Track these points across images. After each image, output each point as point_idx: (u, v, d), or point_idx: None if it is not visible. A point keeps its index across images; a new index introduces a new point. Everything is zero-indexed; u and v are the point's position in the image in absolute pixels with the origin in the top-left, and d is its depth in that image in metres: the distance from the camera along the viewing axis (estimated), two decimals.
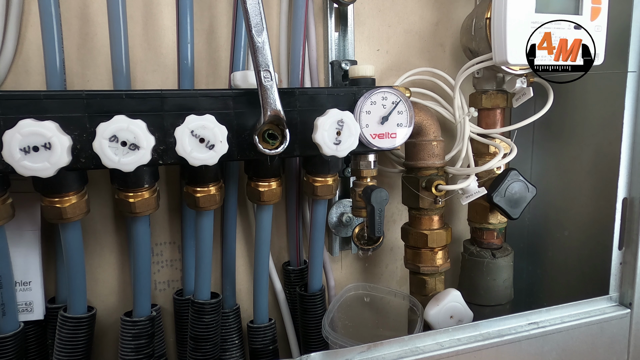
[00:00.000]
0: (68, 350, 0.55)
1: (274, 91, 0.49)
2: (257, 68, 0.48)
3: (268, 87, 0.48)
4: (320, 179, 0.61)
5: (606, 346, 0.63)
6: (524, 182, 0.67)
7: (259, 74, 0.48)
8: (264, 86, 0.48)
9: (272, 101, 0.49)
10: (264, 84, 0.48)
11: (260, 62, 0.48)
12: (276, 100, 0.49)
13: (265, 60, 0.48)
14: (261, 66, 0.48)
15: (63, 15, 0.55)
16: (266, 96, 0.49)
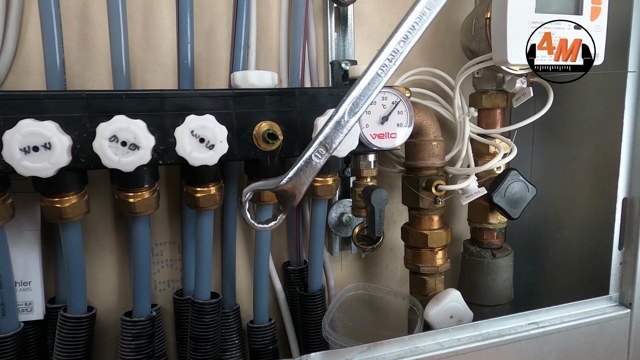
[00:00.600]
0: (68, 350, 0.55)
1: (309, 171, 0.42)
2: (318, 140, 0.41)
3: (313, 165, 0.41)
4: (320, 179, 0.61)
5: (606, 346, 0.62)
6: (524, 182, 0.67)
7: (314, 146, 0.41)
8: (311, 162, 0.41)
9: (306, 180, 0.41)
10: (313, 160, 0.41)
11: (328, 137, 0.41)
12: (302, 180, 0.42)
13: (333, 139, 0.42)
14: (325, 140, 0.41)
15: (63, 15, 0.55)
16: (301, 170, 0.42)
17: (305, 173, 0.41)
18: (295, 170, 0.41)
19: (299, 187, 0.41)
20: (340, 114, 0.41)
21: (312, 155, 0.41)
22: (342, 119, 0.41)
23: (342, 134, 0.42)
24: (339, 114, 0.41)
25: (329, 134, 0.41)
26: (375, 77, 0.41)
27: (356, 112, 0.42)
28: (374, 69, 0.40)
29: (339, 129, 0.41)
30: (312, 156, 0.41)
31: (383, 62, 0.40)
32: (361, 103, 0.42)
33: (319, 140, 0.41)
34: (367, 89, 0.42)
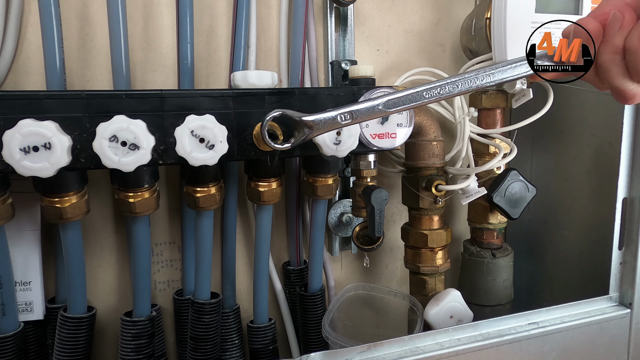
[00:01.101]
0: (68, 350, 0.55)
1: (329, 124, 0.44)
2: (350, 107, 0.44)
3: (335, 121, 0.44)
4: (320, 179, 0.61)
5: (606, 346, 0.62)
6: (524, 182, 0.67)
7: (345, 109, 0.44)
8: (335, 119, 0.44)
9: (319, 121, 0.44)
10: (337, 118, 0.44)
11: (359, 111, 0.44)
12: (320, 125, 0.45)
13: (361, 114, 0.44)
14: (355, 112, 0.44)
15: (63, 15, 0.55)
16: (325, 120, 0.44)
17: (326, 123, 0.44)
18: (322, 116, 0.44)
19: (315, 129, 0.44)
20: (377, 102, 0.44)
21: (338, 115, 0.44)
22: (377, 106, 0.44)
23: (369, 117, 0.45)
24: (376, 101, 0.44)
25: (360, 109, 0.44)
26: (423, 90, 0.43)
27: (390, 108, 0.44)
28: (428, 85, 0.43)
29: (369, 111, 0.44)
30: (338, 116, 0.44)
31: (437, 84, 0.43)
32: (399, 104, 0.44)
33: (351, 109, 0.44)
34: (411, 96, 0.44)
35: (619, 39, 0.33)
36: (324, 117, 0.44)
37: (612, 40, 0.34)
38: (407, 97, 0.43)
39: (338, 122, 0.44)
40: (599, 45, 0.35)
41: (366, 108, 0.44)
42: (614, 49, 0.34)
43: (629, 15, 0.33)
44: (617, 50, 0.34)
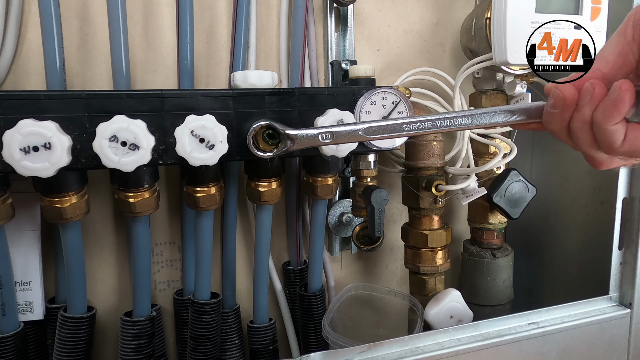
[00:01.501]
0: (68, 350, 0.55)
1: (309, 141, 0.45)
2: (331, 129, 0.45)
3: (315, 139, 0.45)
4: (320, 179, 0.61)
5: (606, 346, 0.62)
6: (524, 182, 0.67)
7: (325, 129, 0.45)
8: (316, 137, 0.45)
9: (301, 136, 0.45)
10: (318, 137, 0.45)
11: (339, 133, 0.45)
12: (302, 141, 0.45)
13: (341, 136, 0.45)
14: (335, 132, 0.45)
15: (63, 15, 0.55)
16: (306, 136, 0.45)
17: (307, 140, 0.45)
18: (304, 132, 0.45)
19: (296, 143, 0.45)
20: (359, 127, 0.45)
21: (320, 134, 0.45)
22: (358, 131, 0.44)
23: (349, 140, 0.45)
24: (357, 126, 0.45)
25: (341, 131, 0.45)
26: (403, 124, 0.44)
27: (370, 135, 0.45)
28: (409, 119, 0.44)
29: (350, 134, 0.45)
30: (320, 134, 0.45)
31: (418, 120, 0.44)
32: (379, 132, 0.45)
33: (332, 129, 0.45)
34: (391, 127, 0.45)
35: (587, 111, 0.35)
36: (306, 133, 0.45)
37: (582, 110, 0.35)
38: (387, 127, 0.44)
39: (319, 140, 0.45)
40: (572, 111, 0.36)
41: (347, 131, 0.45)
42: (583, 119, 0.35)
43: (599, 89, 0.34)
44: (585, 120, 0.35)
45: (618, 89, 0.33)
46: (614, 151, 0.34)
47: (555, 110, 0.36)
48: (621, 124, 0.33)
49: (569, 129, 0.36)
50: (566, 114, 0.36)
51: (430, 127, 0.44)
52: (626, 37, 0.35)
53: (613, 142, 0.34)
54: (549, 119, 0.37)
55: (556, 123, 0.37)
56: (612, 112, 0.33)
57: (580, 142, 0.36)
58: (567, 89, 0.35)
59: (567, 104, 0.35)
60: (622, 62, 0.35)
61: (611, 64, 0.35)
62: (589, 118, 0.35)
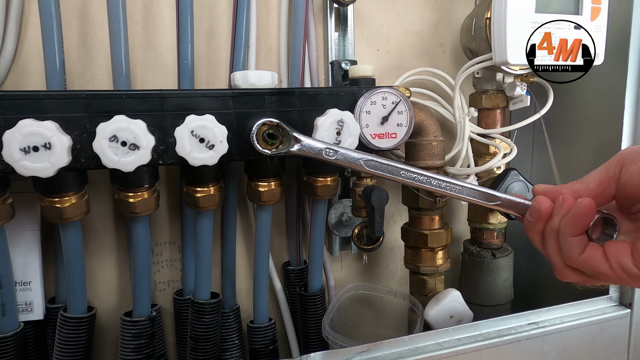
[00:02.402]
0: (68, 350, 0.55)
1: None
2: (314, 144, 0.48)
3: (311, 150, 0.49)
4: (320, 179, 0.61)
5: (606, 346, 0.62)
6: (524, 182, 0.66)
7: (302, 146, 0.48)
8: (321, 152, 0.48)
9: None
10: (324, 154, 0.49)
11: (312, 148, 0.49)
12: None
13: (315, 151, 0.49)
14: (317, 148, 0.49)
15: (63, 15, 0.55)
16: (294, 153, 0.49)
17: (312, 148, 0.48)
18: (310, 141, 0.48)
19: (301, 148, 0.48)
20: (361, 157, 0.48)
21: (325, 148, 0.48)
22: (359, 159, 0.48)
23: (348, 164, 0.49)
24: (360, 156, 0.48)
25: (345, 154, 0.48)
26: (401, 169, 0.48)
27: (368, 167, 0.48)
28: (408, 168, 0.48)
29: (351, 159, 0.48)
30: (325, 149, 0.48)
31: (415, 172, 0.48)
32: (377, 168, 0.48)
33: (338, 149, 0.48)
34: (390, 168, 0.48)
35: (556, 220, 0.39)
36: (312, 143, 0.48)
37: (553, 219, 0.40)
38: (386, 166, 0.48)
39: (321, 153, 0.48)
40: (546, 221, 0.40)
41: (350, 156, 0.48)
42: (552, 227, 0.40)
43: (568, 203, 0.39)
44: (554, 229, 0.40)
45: (579, 204, 0.37)
46: (571, 261, 0.38)
47: (532, 220, 0.41)
48: (580, 238, 0.38)
49: (542, 237, 0.41)
50: (540, 225, 0.41)
51: (423, 183, 0.48)
52: (608, 172, 0.39)
53: (570, 252, 0.38)
54: (527, 225, 0.42)
55: (532, 230, 0.41)
56: (572, 224, 0.37)
57: (548, 249, 0.40)
58: (544, 203, 0.40)
59: (541, 215, 0.40)
60: (600, 192, 0.39)
61: (590, 190, 0.39)
62: (556, 227, 0.39)
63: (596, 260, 0.37)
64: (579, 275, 0.40)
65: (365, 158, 0.47)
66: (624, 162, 0.38)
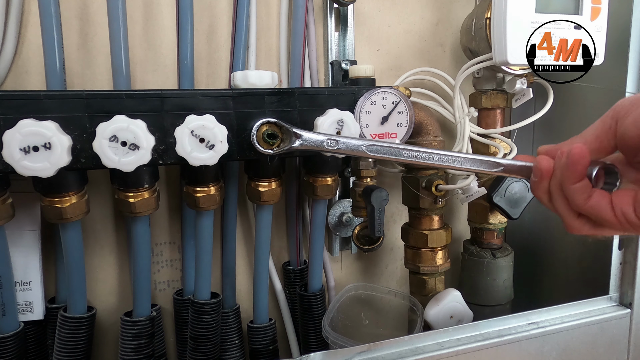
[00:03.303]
0: (68, 350, 0.55)
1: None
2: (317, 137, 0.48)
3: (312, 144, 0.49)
4: (320, 179, 0.61)
5: (606, 346, 0.62)
6: (524, 182, 0.67)
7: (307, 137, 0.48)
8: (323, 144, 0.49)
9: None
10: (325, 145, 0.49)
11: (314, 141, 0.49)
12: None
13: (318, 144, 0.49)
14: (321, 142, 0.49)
15: (63, 15, 0.55)
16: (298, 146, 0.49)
17: (312, 142, 0.48)
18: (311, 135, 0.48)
19: (303, 143, 0.48)
20: (363, 143, 0.48)
21: (327, 139, 0.48)
22: (361, 146, 0.48)
23: (350, 152, 0.48)
24: (362, 142, 0.48)
25: (347, 142, 0.48)
26: (403, 150, 0.48)
27: (371, 152, 0.48)
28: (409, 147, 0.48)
29: (353, 147, 0.48)
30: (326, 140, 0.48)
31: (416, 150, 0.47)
32: (380, 152, 0.48)
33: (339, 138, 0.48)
34: (392, 150, 0.48)
35: (559, 174, 0.40)
36: (313, 136, 0.48)
37: (556, 174, 0.40)
38: (388, 149, 0.48)
39: (323, 146, 0.48)
40: (549, 179, 0.41)
41: (351, 144, 0.48)
42: (556, 182, 0.40)
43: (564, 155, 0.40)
44: (557, 183, 0.40)
45: (570, 151, 0.38)
46: (579, 208, 0.39)
47: (536, 179, 0.42)
48: (582, 184, 0.38)
49: (549, 195, 0.42)
50: (545, 183, 0.41)
51: (425, 159, 0.47)
52: (604, 126, 0.39)
53: (576, 200, 0.39)
54: (533, 186, 0.43)
55: (538, 190, 0.42)
56: (568, 171, 0.38)
57: (556, 204, 0.41)
58: (543, 162, 0.41)
59: (543, 174, 0.41)
60: (598, 145, 0.39)
61: (589, 144, 0.40)
62: (559, 181, 0.40)
63: (602, 207, 0.38)
64: (588, 226, 0.41)
65: (367, 143, 0.48)
66: (618, 116, 0.38)
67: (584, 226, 0.41)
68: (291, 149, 0.48)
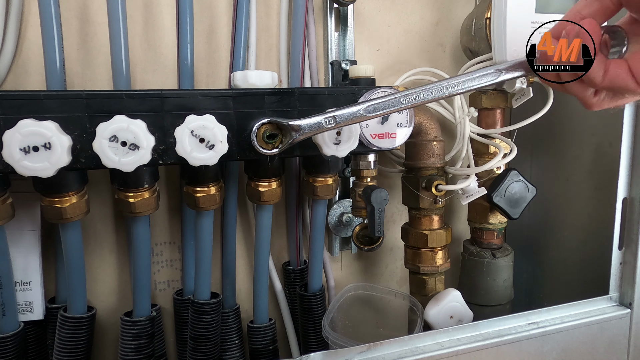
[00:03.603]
0: (68, 350, 0.55)
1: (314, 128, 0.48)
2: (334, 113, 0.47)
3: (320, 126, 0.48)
4: (320, 179, 0.61)
5: (606, 346, 0.62)
6: (524, 182, 0.67)
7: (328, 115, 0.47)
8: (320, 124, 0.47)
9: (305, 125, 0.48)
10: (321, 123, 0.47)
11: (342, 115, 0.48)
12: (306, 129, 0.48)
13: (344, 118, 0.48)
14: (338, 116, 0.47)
15: (63, 15, 0.55)
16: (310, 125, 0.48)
17: (312, 127, 0.47)
18: (308, 120, 0.47)
19: (302, 132, 0.47)
20: (359, 107, 0.47)
21: (323, 119, 0.47)
22: (358, 111, 0.47)
23: (351, 121, 0.47)
24: (358, 107, 0.47)
25: (343, 114, 0.47)
26: (400, 97, 0.47)
27: (371, 113, 0.47)
28: (405, 92, 0.47)
29: (352, 115, 0.47)
30: (323, 120, 0.47)
31: (413, 91, 0.46)
32: (379, 109, 0.47)
33: (334, 114, 0.47)
34: (390, 102, 0.47)
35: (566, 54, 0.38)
36: (310, 121, 0.47)
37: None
38: (386, 102, 0.47)
39: (323, 126, 0.47)
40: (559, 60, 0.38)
41: (349, 113, 0.47)
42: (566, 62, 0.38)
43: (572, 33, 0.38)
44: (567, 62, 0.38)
45: (580, 31, 0.36)
46: (597, 85, 0.37)
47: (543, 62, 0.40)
48: (597, 61, 0.36)
49: (559, 77, 0.39)
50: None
51: (425, 98, 0.46)
52: None
53: (593, 79, 0.36)
54: (541, 72, 0.41)
55: (549, 77, 0.40)
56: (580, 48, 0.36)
57: (570, 87, 0.39)
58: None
59: (547, 55, 0.39)
60: (598, 7, 0.37)
61: (588, 8, 0.38)
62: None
63: (622, 77, 0.36)
64: (607, 99, 0.39)
65: (363, 106, 0.47)
66: None
67: (603, 101, 0.39)
68: (294, 142, 0.48)
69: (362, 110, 0.46)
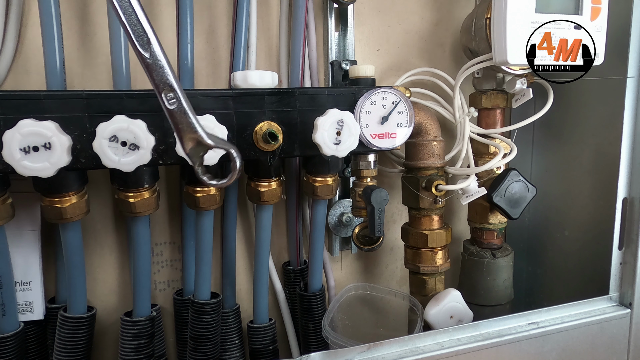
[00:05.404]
0: (68, 350, 0.55)
1: (188, 113, 0.40)
2: (157, 90, 0.39)
3: (176, 111, 0.40)
4: (320, 179, 0.61)
5: (606, 346, 0.62)
6: (524, 182, 0.67)
7: (160, 97, 0.39)
8: (171, 111, 0.40)
9: (186, 127, 0.40)
10: (170, 108, 0.40)
11: (157, 81, 0.39)
12: (192, 124, 0.40)
13: (162, 78, 0.39)
14: (160, 87, 0.39)
15: (63, 15, 0.55)
16: (177, 121, 0.40)
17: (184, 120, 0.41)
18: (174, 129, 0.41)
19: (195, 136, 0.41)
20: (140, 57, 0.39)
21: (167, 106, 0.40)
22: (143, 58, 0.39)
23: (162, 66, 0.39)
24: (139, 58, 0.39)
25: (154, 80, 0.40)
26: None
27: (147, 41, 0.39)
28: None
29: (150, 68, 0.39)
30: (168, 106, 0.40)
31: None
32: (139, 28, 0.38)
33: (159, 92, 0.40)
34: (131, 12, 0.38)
35: None
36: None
37: None
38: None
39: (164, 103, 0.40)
40: None
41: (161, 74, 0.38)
42: None
43: None
44: None
45: None
46: None
47: None
48: None
49: None
50: None
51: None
52: None
53: None
54: None
55: None
56: None
57: None
58: None
59: None
60: None
61: None
62: None
63: None
64: None
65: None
66: None
67: None
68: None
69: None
